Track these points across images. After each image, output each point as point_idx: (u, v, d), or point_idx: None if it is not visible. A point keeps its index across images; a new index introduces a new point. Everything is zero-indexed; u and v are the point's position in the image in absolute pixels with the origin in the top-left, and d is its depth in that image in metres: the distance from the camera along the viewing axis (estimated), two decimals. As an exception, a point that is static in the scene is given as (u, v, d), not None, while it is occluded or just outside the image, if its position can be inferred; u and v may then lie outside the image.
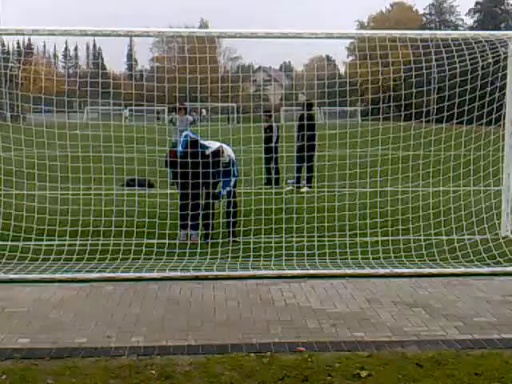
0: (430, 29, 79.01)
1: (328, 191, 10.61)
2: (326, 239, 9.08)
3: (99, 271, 7.84)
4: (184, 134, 10.03)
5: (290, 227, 9.52)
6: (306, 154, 14.01)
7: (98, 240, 9.03)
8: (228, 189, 9.77)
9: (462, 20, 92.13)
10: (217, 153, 9.53)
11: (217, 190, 9.88)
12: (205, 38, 9.41)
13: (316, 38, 8.86)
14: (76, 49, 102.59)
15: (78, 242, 8.89)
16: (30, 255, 8.36)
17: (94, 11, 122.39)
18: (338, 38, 9.27)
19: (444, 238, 9.19)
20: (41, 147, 9.66)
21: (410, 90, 9.99)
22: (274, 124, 16.32)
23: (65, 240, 8.93)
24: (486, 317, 6.40)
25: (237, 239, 9.42)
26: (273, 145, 15.17)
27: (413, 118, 10.36)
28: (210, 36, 9.43)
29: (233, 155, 9.86)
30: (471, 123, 9.97)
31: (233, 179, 9.79)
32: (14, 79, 9.87)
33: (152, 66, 72.82)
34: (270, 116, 16.78)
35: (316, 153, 14.20)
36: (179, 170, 9.24)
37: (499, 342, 5.72)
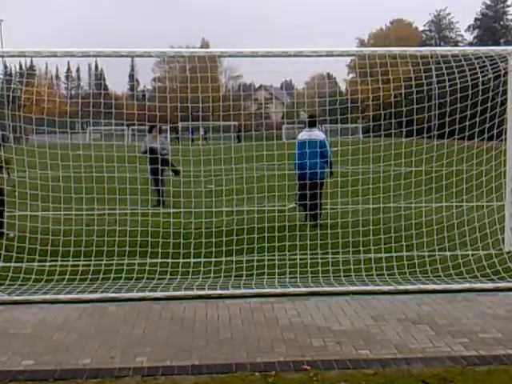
0: (430, 45, 79.34)
1: (331, 208, 10.59)
2: (330, 256, 9.05)
3: (102, 291, 7.83)
4: None
5: (293, 245, 9.51)
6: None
7: (101, 260, 9.02)
8: None
9: (462, 36, 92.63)
10: None
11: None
12: (206, 57, 9.46)
13: (317, 55, 8.91)
14: (78, 70, 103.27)
15: (81, 263, 8.88)
16: (33, 276, 8.34)
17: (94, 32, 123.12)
18: (338, 55, 9.30)
19: (448, 253, 9.16)
20: (43, 168, 9.69)
21: (411, 107, 10.00)
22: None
23: (68, 260, 8.92)
24: (492, 333, 6.36)
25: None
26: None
27: (414, 134, 10.37)
28: (211, 55, 9.48)
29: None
30: (473, 138, 9.97)
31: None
32: (16, 101, 9.91)
33: (154, 86, 73.19)
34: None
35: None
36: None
37: (505, 358, 5.69)
